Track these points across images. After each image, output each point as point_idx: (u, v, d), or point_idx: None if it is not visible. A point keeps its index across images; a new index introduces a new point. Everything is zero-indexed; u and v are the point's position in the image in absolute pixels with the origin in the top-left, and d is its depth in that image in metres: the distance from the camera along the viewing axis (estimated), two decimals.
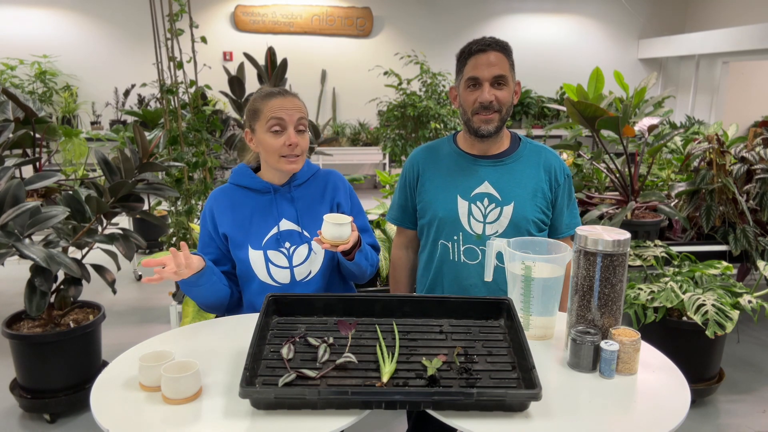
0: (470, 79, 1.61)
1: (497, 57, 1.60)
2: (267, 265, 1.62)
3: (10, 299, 3.95)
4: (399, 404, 1.12)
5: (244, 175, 1.68)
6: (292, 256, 1.63)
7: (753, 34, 6.23)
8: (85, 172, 4.47)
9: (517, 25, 7.90)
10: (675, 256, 2.95)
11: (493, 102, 1.60)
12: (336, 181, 1.73)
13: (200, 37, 3.07)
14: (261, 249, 1.62)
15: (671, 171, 4.02)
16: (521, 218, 1.66)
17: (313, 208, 1.67)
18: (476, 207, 1.67)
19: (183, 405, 1.14)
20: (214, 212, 1.65)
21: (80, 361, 2.63)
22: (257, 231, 1.63)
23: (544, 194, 1.70)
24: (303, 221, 1.65)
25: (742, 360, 3.23)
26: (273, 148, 1.57)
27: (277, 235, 1.63)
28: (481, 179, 1.68)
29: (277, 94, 1.58)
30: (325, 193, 1.70)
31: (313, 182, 1.71)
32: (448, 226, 1.69)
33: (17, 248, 2.23)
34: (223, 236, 1.64)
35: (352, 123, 7.61)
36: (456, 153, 1.74)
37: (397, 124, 5.14)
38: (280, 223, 1.64)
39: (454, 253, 1.70)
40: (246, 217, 1.64)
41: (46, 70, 6.71)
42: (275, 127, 1.56)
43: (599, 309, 1.32)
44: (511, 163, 1.70)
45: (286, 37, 7.36)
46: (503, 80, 1.61)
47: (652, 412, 1.15)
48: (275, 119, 1.55)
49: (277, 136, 1.56)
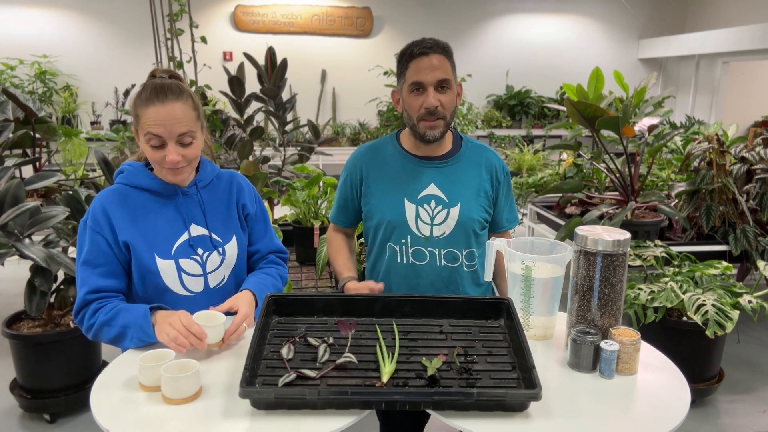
0: (414, 84, 1.60)
1: (440, 60, 1.58)
2: (180, 274, 1.48)
3: (10, 299, 3.95)
4: (399, 404, 1.12)
5: (142, 174, 1.49)
6: (206, 263, 1.51)
7: (753, 34, 6.23)
8: (85, 172, 4.47)
9: (517, 25, 7.89)
10: (675, 256, 2.95)
11: (438, 107, 1.59)
12: (241, 182, 1.64)
13: (200, 37, 3.07)
14: (171, 258, 1.47)
15: (671, 171, 4.02)
16: (467, 218, 1.67)
17: (220, 211, 1.57)
18: (423, 210, 1.67)
19: (183, 405, 1.14)
20: (111, 218, 1.44)
21: (80, 361, 2.63)
22: (164, 238, 1.47)
23: (487, 193, 1.72)
24: (211, 225, 1.54)
25: (742, 360, 3.23)
26: (153, 159, 1.43)
27: (189, 241, 1.50)
28: (427, 181, 1.68)
29: (155, 101, 1.38)
30: (231, 195, 1.60)
31: (217, 183, 1.59)
32: (396, 229, 1.68)
33: (17, 248, 2.23)
34: (124, 245, 1.44)
35: (352, 123, 7.61)
36: (401, 154, 1.72)
37: (397, 124, 5.14)
38: (190, 228, 1.51)
39: (402, 255, 1.69)
40: (149, 223, 1.47)
41: (46, 70, 6.70)
42: (152, 141, 1.39)
43: (599, 309, 1.32)
44: (455, 164, 1.71)
45: (286, 37, 7.36)
46: (447, 84, 1.60)
47: (652, 412, 1.15)
48: (150, 135, 1.38)
49: (156, 150, 1.40)
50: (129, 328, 1.37)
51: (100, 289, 1.42)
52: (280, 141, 4.02)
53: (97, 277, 1.42)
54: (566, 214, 3.59)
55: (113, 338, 1.40)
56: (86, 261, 1.43)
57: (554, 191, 3.65)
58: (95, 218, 1.44)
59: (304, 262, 3.18)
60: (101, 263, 1.43)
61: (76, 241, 1.48)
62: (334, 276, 2.87)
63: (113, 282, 1.44)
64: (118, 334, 1.38)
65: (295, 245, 3.22)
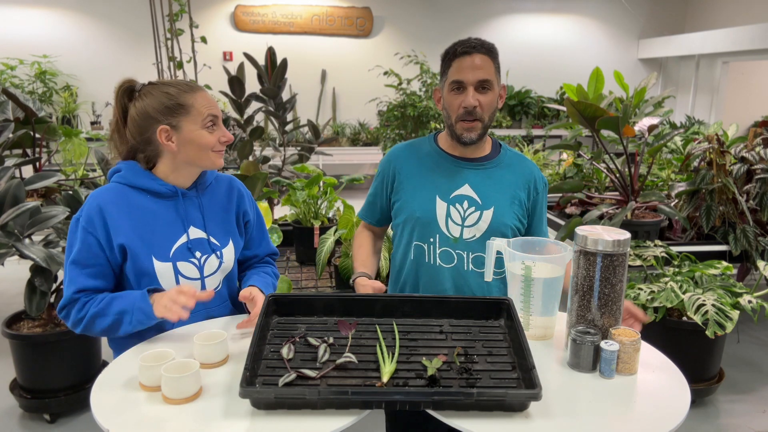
0: (454, 83, 1.58)
1: (482, 60, 1.56)
2: (177, 278, 1.47)
3: (10, 299, 3.95)
4: (399, 404, 1.12)
5: (141, 175, 1.47)
6: (203, 267, 1.51)
7: (753, 34, 6.23)
8: (85, 172, 4.47)
9: (517, 25, 7.90)
10: (675, 256, 2.95)
11: (476, 108, 1.57)
12: (241, 189, 1.64)
13: (200, 37, 3.07)
14: (169, 260, 1.46)
15: (671, 171, 4.02)
16: (500, 223, 1.64)
17: (218, 215, 1.56)
18: (455, 209, 1.64)
19: (183, 405, 1.14)
20: (107, 219, 1.41)
21: (80, 361, 2.63)
22: (162, 240, 1.46)
23: (521, 202, 1.68)
24: (210, 228, 1.53)
25: (742, 360, 3.23)
26: (209, 144, 1.45)
27: (188, 244, 1.48)
28: (462, 181, 1.66)
29: (199, 89, 1.47)
30: (231, 200, 1.60)
31: (216, 187, 1.58)
32: (425, 226, 1.65)
33: (17, 248, 2.23)
34: (119, 248, 1.42)
35: (352, 123, 7.61)
36: (437, 153, 1.70)
37: (397, 124, 5.15)
38: (189, 230, 1.50)
39: (430, 255, 1.66)
40: (147, 224, 1.45)
41: (46, 70, 6.71)
42: (210, 123, 1.45)
43: (599, 309, 1.32)
44: (492, 168, 1.68)
45: (286, 37, 7.36)
46: (488, 84, 1.58)
47: (652, 412, 1.15)
48: (212, 116, 1.45)
49: (212, 131, 1.46)
50: (126, 313, 1.37)
51: (88, 288, 1.42)
52: (280, 141, 4.02)
53: (86, 278, 1.41)
54: (566, 214, 3.59)
55: (107, 327, 1.40)
56: (75, 261, 1.41)
57: (554, 191, 3.65)
58: (89, 218, 1.41)
59: (304, 262, 3.18)
60: (91, 264, 1.41)
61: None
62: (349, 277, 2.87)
63: (101, 282, 1.43)
64: (113, 322, 1.39)
65: (295, 245, 3.22)
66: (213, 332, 1.33)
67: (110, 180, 1.49)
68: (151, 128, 1.43)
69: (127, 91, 1.47)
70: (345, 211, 2.88)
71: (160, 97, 1.43)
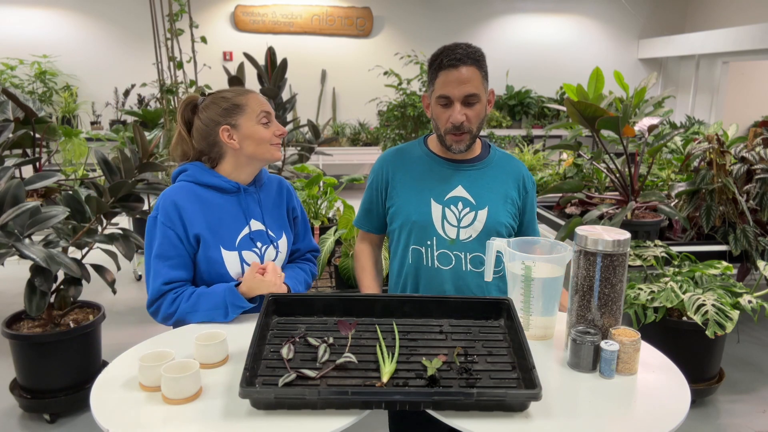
0: (441, 97, 1.58)
1: (469, 72, 1.56)
2: (242, 266, 1.61)
3: (10, 299, 3.95)
4: (399, 404, 1.12)
5: (207, 173, 1.63)
6: (263, 256, 1.66)
7: (753, 34, 6.23)
8: (85, 172, 4.47)
9: (517, 25, 7.90)
10: (675, 256, 2.95)
11: (464, 123, 1.58)
12: (289, 187, 1.79)
13: (200, 37, 3.08)
14: (235, 250, 1.61)
15: (671, 171, 4.02)
16: (495, 222, 1.65)
17: (272, 210, 1.72)
18: (450, 211, 1.65)
19: (183, 405, 1.14)
20: (182, 213, 1.56)
21: (80, 361, 2.63)
22: (228, 231, 1.61)
23: (514, 201, 1.70)
24: (267, 221, 1.68)
25: (742, 360, 3.23)
26: (265, 138, 1.61)
27: (250, 234, 1.64)
28: (455, 183, 1.67)
29: (251, 91, 1.65)
30: (281, 196, 1.75)
31: (269, 184, 1.74)
32: (422, 230, 1.66)
33: (17, 248, 2.23)
34: (194, 238, 1.57)
35: (352, 123, 7.61)
36: (428, 156, 1.71)
37: (397, 124, 5.15)
38: (250, 222, 1.65)
39: (428, 258, 1.67)
40: (216, 217, 1.60)
41: (46, 70, 6.71)
42: (264, 119, 1.61)
43: (599, 309, 1.32)
44: (484, 169, 1.70)
45: (286, 37, 7.36)
46: (474, 99, 1.58)
47: (652, 412, 1.15)
48: (265, 112, 1.61)
49: (267, 127, 1.62)
50: (219, 308, 1.52)
51: (173, 279, 1.55)
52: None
53: (169, 269, 1.55)
54: (566, 214, 3.59)
55: (199, 321, 1.54)
56: (158, 254, 1.55)
57: (554, 191, 3.65)
58: (166, 213, 1.55)
59: None
60: (172, 255, 1.55)
61: (144, 237, 1.61)
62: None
63: (183, 273, 1.57)
64: (206, 318, 1.53)
65: None
66: (213, 332, 1.34)
67: (176, 180, 1.64)
68: (215, 131, 1.60)
69: (190, 105, 1.65)
70: (345, 211, 2.88)
71: (219, 102, 1.60)
